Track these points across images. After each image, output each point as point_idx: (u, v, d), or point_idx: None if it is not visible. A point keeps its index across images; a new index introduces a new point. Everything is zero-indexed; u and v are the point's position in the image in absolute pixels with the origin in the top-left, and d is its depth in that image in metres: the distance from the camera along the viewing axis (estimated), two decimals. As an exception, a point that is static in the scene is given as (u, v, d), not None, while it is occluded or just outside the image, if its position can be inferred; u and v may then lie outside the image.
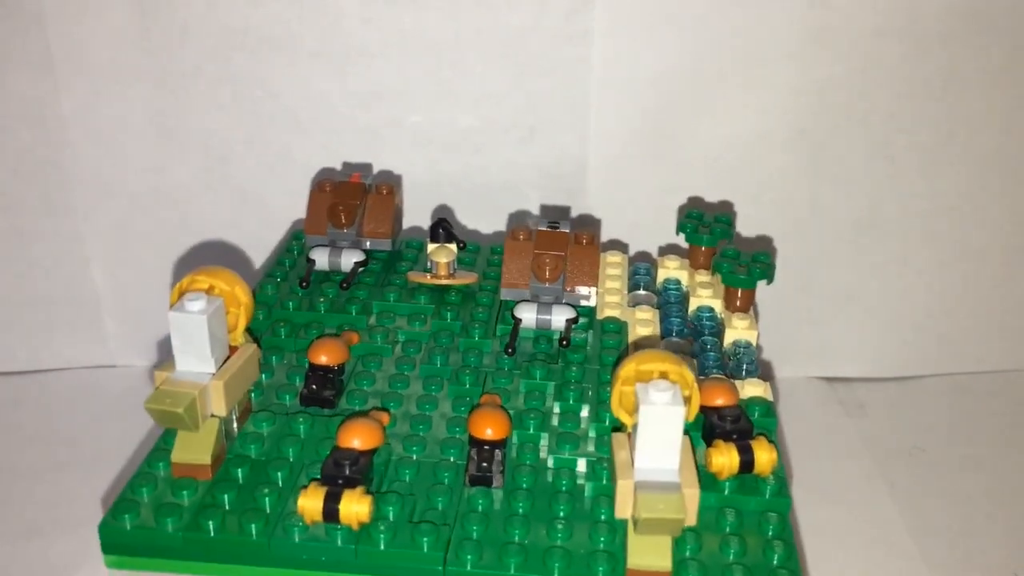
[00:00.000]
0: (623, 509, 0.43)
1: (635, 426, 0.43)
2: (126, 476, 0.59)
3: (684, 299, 0.61)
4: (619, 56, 0.69)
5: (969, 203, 0.72)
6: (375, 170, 0.73)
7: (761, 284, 0.59)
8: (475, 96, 0.70)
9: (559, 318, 0.58)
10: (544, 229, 0.60)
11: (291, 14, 0.68)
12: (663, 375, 0.44)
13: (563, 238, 0.59)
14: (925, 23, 0.67)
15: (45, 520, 0.57)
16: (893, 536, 0.58)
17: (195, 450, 0.48)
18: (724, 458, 0.46)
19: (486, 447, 0.48)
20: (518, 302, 0.59)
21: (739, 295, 0.59)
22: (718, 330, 0.58)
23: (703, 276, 0.62)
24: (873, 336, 0.75)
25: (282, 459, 0.49)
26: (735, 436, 0.47)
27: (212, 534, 0.45)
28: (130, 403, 0.68)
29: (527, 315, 0.58)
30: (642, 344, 0.57)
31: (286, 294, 0.61)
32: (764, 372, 0.68)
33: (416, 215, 0.74)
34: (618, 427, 0.47)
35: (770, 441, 0.47)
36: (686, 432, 0.44)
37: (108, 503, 0.57)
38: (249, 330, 0.54)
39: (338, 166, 0.72)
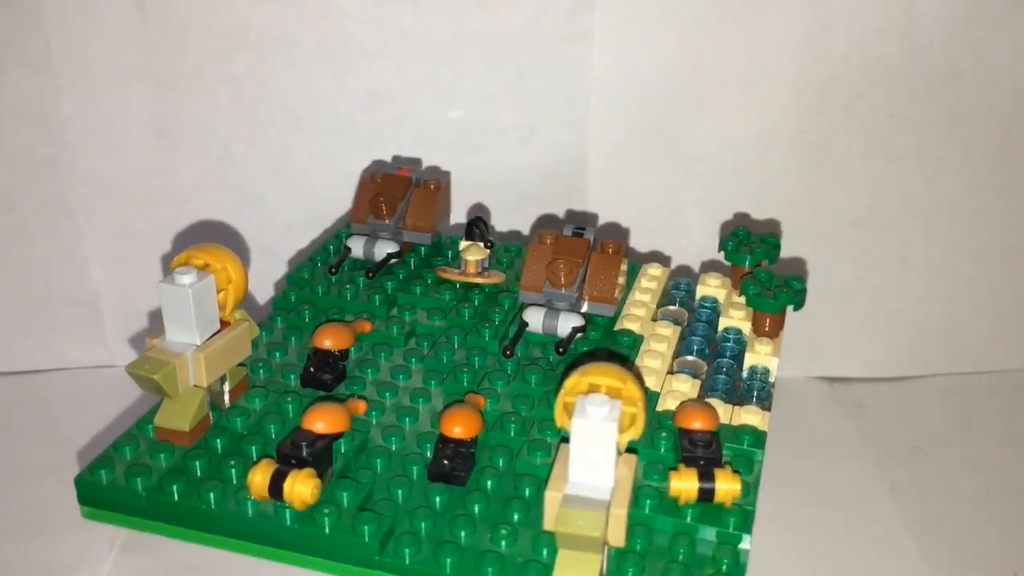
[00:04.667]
0: (548, 521, 0.42)
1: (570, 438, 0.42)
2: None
3: (716, 319, 0.60)
4: (619, 56, 0.69)
5: (969, 203, 0.72)
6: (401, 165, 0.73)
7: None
8: (475, 96, 0.70)
9: (565, 324, 0.57)
10: (567, 235, 0.59)
11: (291, 14, 0.68)
12: (608, 390, 0.42)
13: (583, 245, 0.58)
14: (925, 23, 0.67)
15: (45, 520, 0.57)
16: (893, 536, 0.58)
17: (176, 416, 0.50)
18: (683, 483, 0.45)
19: (451, 444, 0.48)
20: (529, 305, 0.59)
21: (768, 319, 0.58)
22: (740, 353, 0.57)
23: (737, 297, 0.60)
24: (873, 336, 0.75)
25: (261, 435, 0.50)
26: (702, 463, 0.46)
27: (175, 498, 0.47)
28: (130, 403, 0.68)
29: (535, 319, 0.58)
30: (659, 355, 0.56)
31: (319, 278, 0.63)
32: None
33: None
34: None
35: (736, 472, 0.46)
36: (632, 450, 0.43)
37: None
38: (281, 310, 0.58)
39: (337, 166, 0.72)
